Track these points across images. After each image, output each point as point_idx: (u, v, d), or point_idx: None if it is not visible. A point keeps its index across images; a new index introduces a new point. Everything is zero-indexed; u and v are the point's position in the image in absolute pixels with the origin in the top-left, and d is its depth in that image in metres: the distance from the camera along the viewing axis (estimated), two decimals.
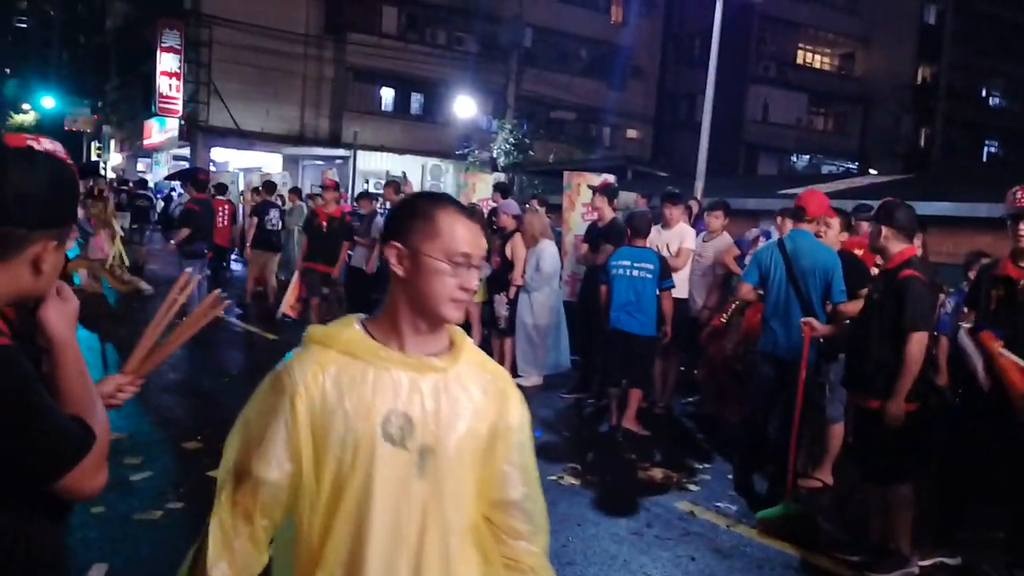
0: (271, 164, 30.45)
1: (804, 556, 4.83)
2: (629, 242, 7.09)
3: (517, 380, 8.49)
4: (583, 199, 9.99)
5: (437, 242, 1.68)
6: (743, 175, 33.72)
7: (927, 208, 11.17)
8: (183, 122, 27.70)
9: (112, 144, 41.72)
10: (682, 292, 7.63)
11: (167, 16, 27.44)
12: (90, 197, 14.68)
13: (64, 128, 43.03)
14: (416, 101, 31.15)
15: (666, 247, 7.61)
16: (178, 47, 26.97)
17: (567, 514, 5.24)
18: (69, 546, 1.65)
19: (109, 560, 4.17)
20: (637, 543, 4.92)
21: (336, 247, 10.28)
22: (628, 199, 10.83)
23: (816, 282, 5.51)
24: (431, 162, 28.79)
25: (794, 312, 5.52)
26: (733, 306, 6.80)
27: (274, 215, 12.81)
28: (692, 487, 5.93)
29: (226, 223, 13.46)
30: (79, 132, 43.53)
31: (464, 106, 26.04)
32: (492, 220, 9.59)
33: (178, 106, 27.30)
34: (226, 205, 13.67)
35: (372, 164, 27.73)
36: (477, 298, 9.08)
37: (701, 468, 6.35)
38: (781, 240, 5.81)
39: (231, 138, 27.69)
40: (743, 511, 5.51)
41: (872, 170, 32.50)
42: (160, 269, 15.55)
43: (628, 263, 6.97)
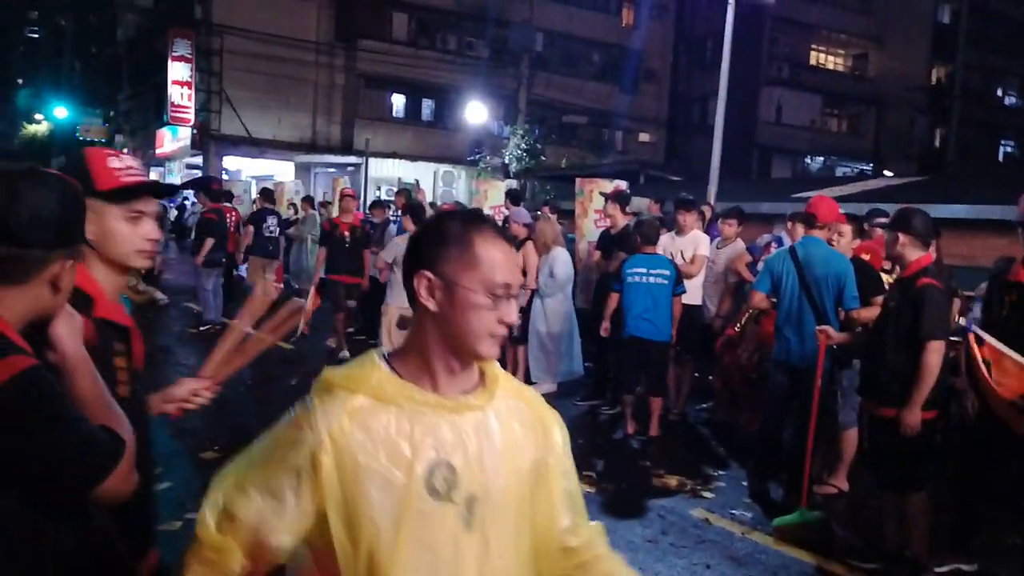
0: (283, 172, 30.57)
1: (820, 564, 4.81)
2: (639, 249, 7.08)
3: (531, 387, 8.55)
4: (595, 205, 10.00)
5: (475, 273, 1.50)
6: (756, 178, 33.62)
7: (942, 211, 11.13)
8: (195, 131, 27.83)
9: (125, 152, 42.00)
10: (695, 299, 7.62)
11: (178, 25, 27.62)
12: None
13: (77, 137, 43.37)
14: (427, 107, 31.19)
15: (680, 254, 7.60)
16: (189, 56, 27.13)
17: None
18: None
19: None
20: (652, 551, 4.91)
21: (359, 257, 10.07)
22: (641, 204, 10.82)
23: (829, 289, 5.49)
24: (443, 168, 28.87)
25: (807, 320, 5.50)
26: (747, 315, 6.77)
27: (272, 222, 12.81)
28: (707, 494, 5.92)
29: (233, 230, 13.51)
30: (92, 141, 43.81)
31: (475, 112, 26.07)
32: (505, 228, 9.62)
33: (190, 115, 27.45)
34: (233, 212, 13.74)
35: (384, 171, 27.79)
36: None
37: (716, 475, 6.33)
38: (792, 247, 5.79)
39: (243, 146, 27.81)
40: (758, 518, 5.49)
41: (887, 171, 32.36)
42: (174, 279, 15.64)
43: (644, 270, 6.96)
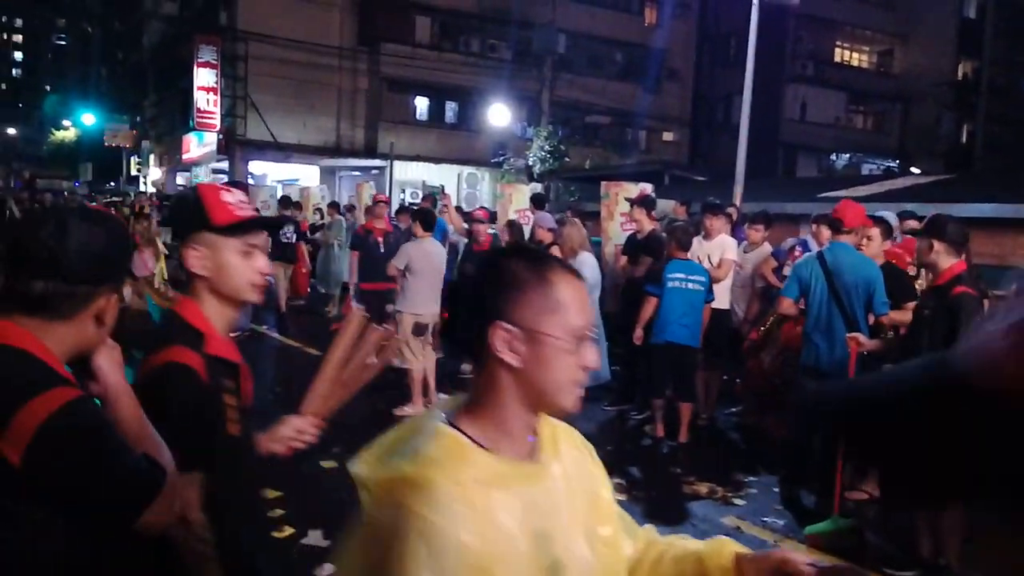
0: (308, 176, 30.73)
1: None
2: (673, 255, 7.10)
3: None
4: (621, 208, 9.97)
5: (557, 317, 1.35)
6: (781, 176, 33.41)
7: (971, 210, 11.03)
8: (221, 136, 28.07)
9: (152, 159, 42.39)
10: (723, 303, 7.60)
11: (204, 32, 27.89)
12: (134, 214, 15.00)
13: (104, 143, 43.87)
14: (451, 110, 31.25)
15: (707, 258, 7.58)
16: (215, 62, 27.34)
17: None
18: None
19: None
20: None
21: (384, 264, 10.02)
22: (667, 207, 10.79)
23: (859, 295, 5.46)
24: (467, 170, 28.91)
25: (837, 326, 5.47)
26: (771, 319, 6.74)
27: (289, 229, 13.01)
28: (738, 501, 5.89)
29: None
30: (119, 147, 44.30)
31: (499, 114, 26.09)
32: (532, 234, 9.61)
33: (216, 120, 27.68)
34: None
35: (408, 174, 27.87)
36: None
37: (746, 481, 6.30)
38: (821, 253, 5.76)
39: (268, 151, 28.00)
40: (791, 525, 5.46)
41: (913, 168, 32.07)
42: None
43: (683, 275, 7.00)
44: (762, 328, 6.86)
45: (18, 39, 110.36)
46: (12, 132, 62.30)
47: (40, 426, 1.44)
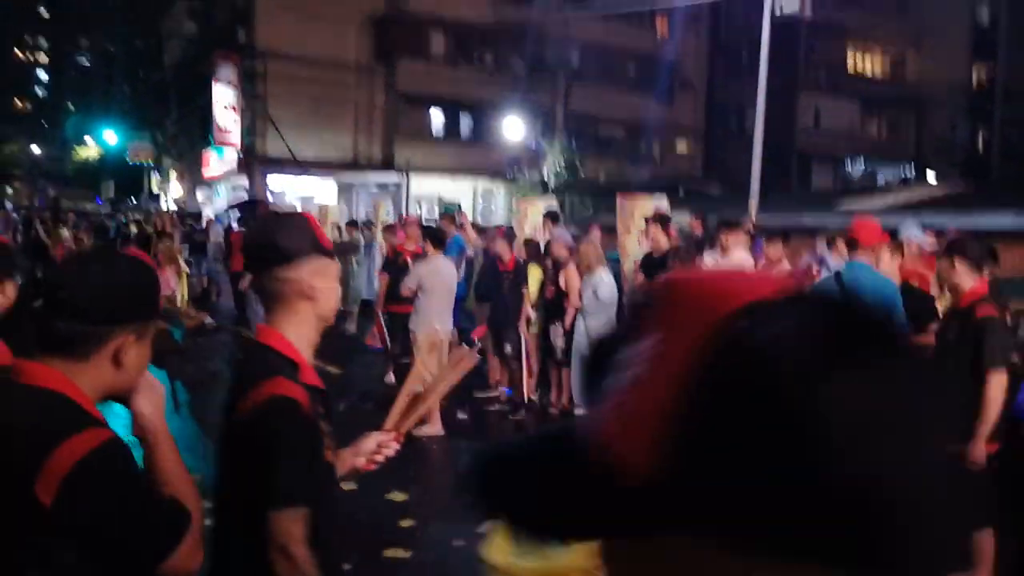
0: (326, 191, 30.96)
1: None
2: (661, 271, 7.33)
3: (577, 411, 8.60)
4: (638, 224, 10.03)
5: None
6: (796, 185, 33.35)
7: (989, 221, 11.06)
8: (241, 153, 28.38)
9: (173, 175, 42.81)
10: None
11: (223, 51, 28.27)
12: (156, 233, 15.22)
13: (126, 161, 44.31)
14: (466, 123, 31.41)
15: None
16: (234, 80, 27.70)
17: None
18: None
19: None
20: None
21: None
22: (683, 221, 10.85)
23: None
24: (482, 184, 29.08)
25: None
26: None
27: None
28: None
29: None
30: (141, 164, 44.72)
31: (513, 127, 26.23)
32: (547, 251, 9.69)
33: (236, 137, 28.00)
34: None
35: (424, 188, 28.06)
36: (532, 329, 9.19)
37: None
38: (838, 273, 5.78)
39: (287, 166, 28.24)
40: None
41: (929, 175, 31.98)
42: (223, 301, 15.94)
43: None
44: None
45: (42, 58, 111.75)
46: (36, 151, 62.85)
47: (70, 469, 1.46)
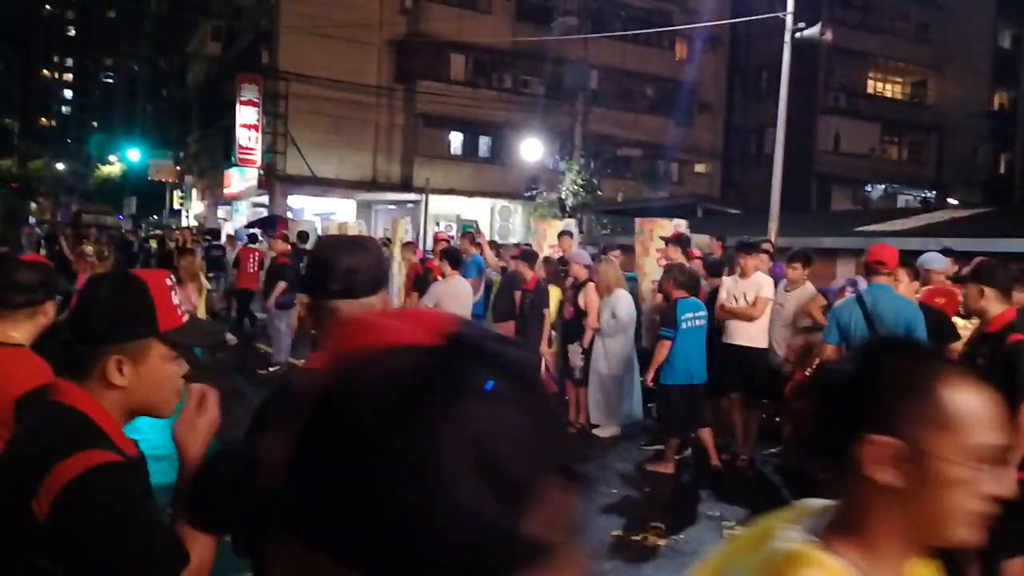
0: (345, 210, 31.17)
1: None
2: (674, 295, 7.37)
3: (595, 431, 8.58)
4: (657, 244, 10.04)
5: (952, 435, 1.15)
6: (816, 208, 33.23)
7: (1011, 245, 10.96)
8: (262, 171, 28.64)
9: (194, 193, 43.20)
10: (761, 342, 7.62)
11: (246, 72, 28.61)
12: (178, 249, 15.34)
13: (148, 178, 44.80)
14: (484, 144, 31.54)
15: (743, 296, 7.62)
16: (256, 100, 28.01)
17: None
18: None
19: None
20: None
21: None
22: (702, 242, 10.84)
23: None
24: (500, 204, 29.17)
25: None
26: (818, 360, 6.72)
27: (307, 261, 13.29)
28: None
29: (255, 269, 14.40)
30: (163, 181, 45.20)
31: (531, 148, 26.31)
32: (563, 268, 9.71)
33: (257, 156, 28.26)
34: (255, 253, 14.73)
35: (442, 207, 28.19)
36: (551, 348, 9.18)
37: None
38: (859, 296, 5.77)
39: (307, 186, 28.48)
40: None
41: (951, 199, 31.78)
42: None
43: (692, 315, 7.32)
44: (809, 369, 6.83)
45: (67, 78, 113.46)
46: (61, 167, 63.77)
47: (63, 487, 1.43)
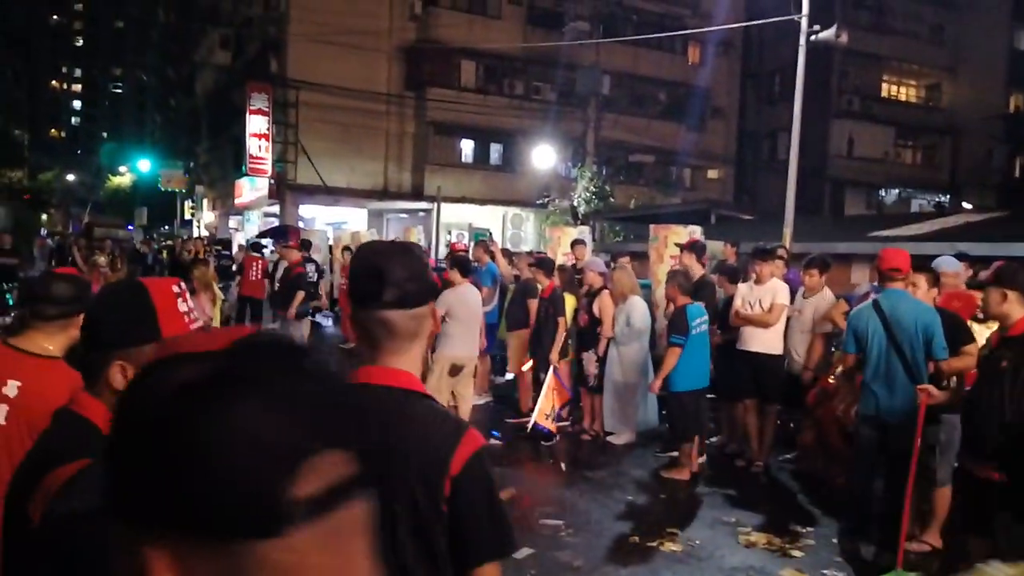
0: (356, 219, 31.21)
1: None
2: (678, 300, 7.44)
3: (610, 439, 8.52)
4: (671, 251, 9.99)
5: None
6: (829, 212, 33.08)
7: None
8: (273, 181, 28.62)
9: (205, 203, 43.35)
10: (776, 349, 7.55)
11: (255, 80, 28.61)
12: (191, 260, 15.40)
13: (159, 188, 45.01)
14: (496, 151, 31.50)
15: (758, 303, 7.55)
16: (266, 109, 27.97)
17: None
18: None
19: None
20: None
21: None
22: (715, 248, 10.77)
23: (919, 342, 5.38)
24: (512, 211, 29.11)
25: (897, 374, 5.41)
26: (840, 367, 6.64)
27: (311, 268, 13.65)
28: (796, 553, 5.80)
29: (259, 277, 14.75)
30: (173, 191, 45.39)
31: (543, 155, 26.23)
32: (578, 276, 9.65)
33: (267, 166, 28.26)
34: (259, 261, 15.04)
35: (453, 215, 28.14)
36: (566, 356, 9.12)
37: (804, 532, 6.20)
38: (876, 301, 5.70)
39: (318, 195, 28.49)
40: None
41: (965, 203, 31.58)
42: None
43: (699, 320, 7.41)
44: (832, 376, 6.75)
45: (76, 88, 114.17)
46: (71, 178, 64.11)
47: (54, 493, 1.43)
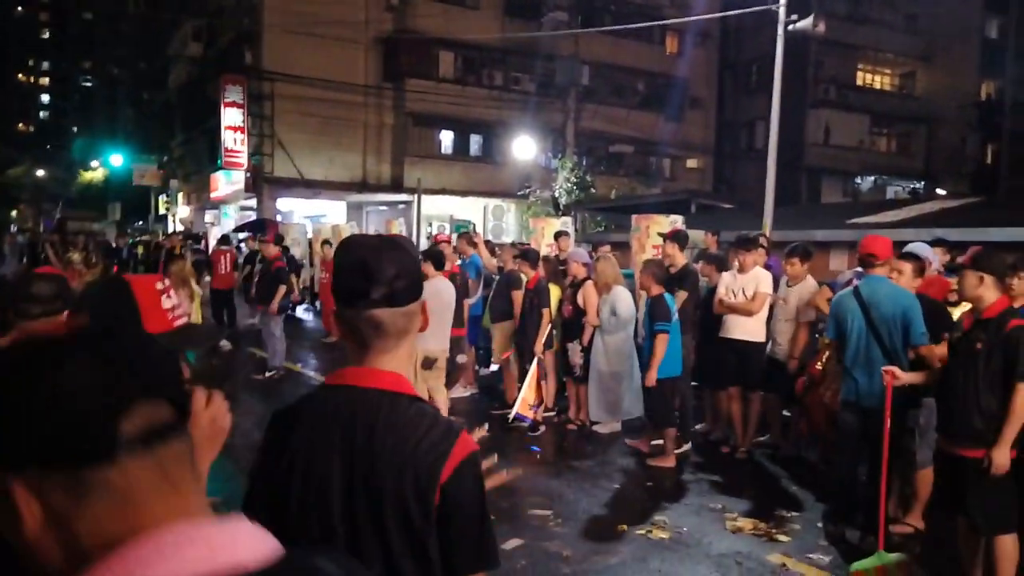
0: (335, 212, 31.05)
1: None
2: (651, 290, 7.54)
3: (595, 428, 8.56)
4: (653, 241, 10.02)
5: None
6: (806, 200, 33.33)
7: (1001, 234, 10.99)
8: (249, 174, 28.32)
9: (180, 197, 42.89)
10: (759, 336, 7.60)
11: (230, 72, 28.25)
12: (167, 255, 15.27)
13: (132, 183, 44.48)
14: (475, 143, 31.41)
15: (742, 291, 7.60)
16: (241, 102, 27.64)
17: (660, 570, 5.25)
18: None
19: None
20: None
21: (459, 307, 9.28)
22: (697, 237, 10.82)
23: (896, 327, 5.45)
24: (492, 203, 29.07)
25: (875, 359, 5.47)
26: (827, 354, 6.69)
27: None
28: (782, 537, 5.87)
29: (228, 270, 15.02)
30: (147, 186, 44.85)
31: (523, 146, 26.20)
32: (562, 267, 9.66)
33: (243, 159, 27.95)
34: (227, 254, 15.26)
35: (434, 207, 28.04)
36: (551, 347, 9.14)
37: (789, 517, 6.27)
38: (856, 288, 5.77)
39: (296, 188, 28.30)
40: (836, 561, 5.43)
41: (939, 190, 31.91)
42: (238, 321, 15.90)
43: (673, 308, 7.56)
44: (819, 363, 6.81)
45: (44, 81, 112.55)
46: (41, 174, 63.26)
47: None
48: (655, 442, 7.97)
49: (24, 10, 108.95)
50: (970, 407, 4.55)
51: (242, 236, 21.80)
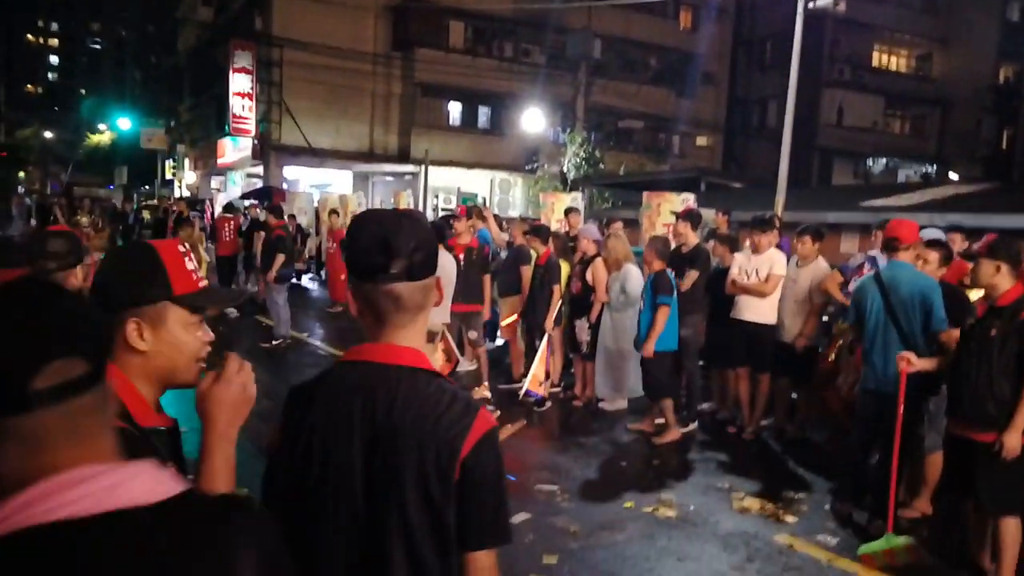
0: (342, 181, 30.94)
1: None
2: (654, 266, 7.54)
3: (601, 405, 8.53)
4: (664, 219, 9.94)
5: None
6: (817, 181, 33.10)
7: (1013, 220, 10.88)
8: (256, 141, 28.23)
9: (187, 163, 42.75)
10: (771, 318, 7.53)
11: (239, 37, 28.08)
12: (176, 220, 15.21)
13: (139, 147, 44.34)
14: (484, 115, 31.21)
15: (755, 272, 7.53)
16: (250, 68, 27.52)
17: (666, 548, 5.23)
18: None
19: None
20: None
21: (478, 282, 9.11)
22: (707, 217, 10.73)
23: (915, 311, 5.39)
24: (499, 176, 28.91)
25: (893, 344, 5.42)
26: (839, 344, 6.63)
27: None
28: (789, 518, 5.84)
29: (232, 236, 15.18)
30: (154, 151, 44.71)
31: (532, 119, 25.98)
32: (572, 243, 9.59)
33: (251, 125, 27.85)
34: (231, 220, 15.44)
35: (440, 179, 27.92)
36: (559, 323, 9.09)
37: (796, 498, 6.25)
38: (878, 273, 5.71)
39: (303, 156, 28.19)
40: (844, 544, 5.41)
41: (952, 173, 31.69)
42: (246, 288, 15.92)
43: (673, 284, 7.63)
44: (831, 356, 6.73)
45: (53, 43, 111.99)
46: (49, 135, 63.04)
47: None
48: (658, 421, 7.93)
49: None
50: (983, 392, 4.59)
51: (247, 203, 21.75)
